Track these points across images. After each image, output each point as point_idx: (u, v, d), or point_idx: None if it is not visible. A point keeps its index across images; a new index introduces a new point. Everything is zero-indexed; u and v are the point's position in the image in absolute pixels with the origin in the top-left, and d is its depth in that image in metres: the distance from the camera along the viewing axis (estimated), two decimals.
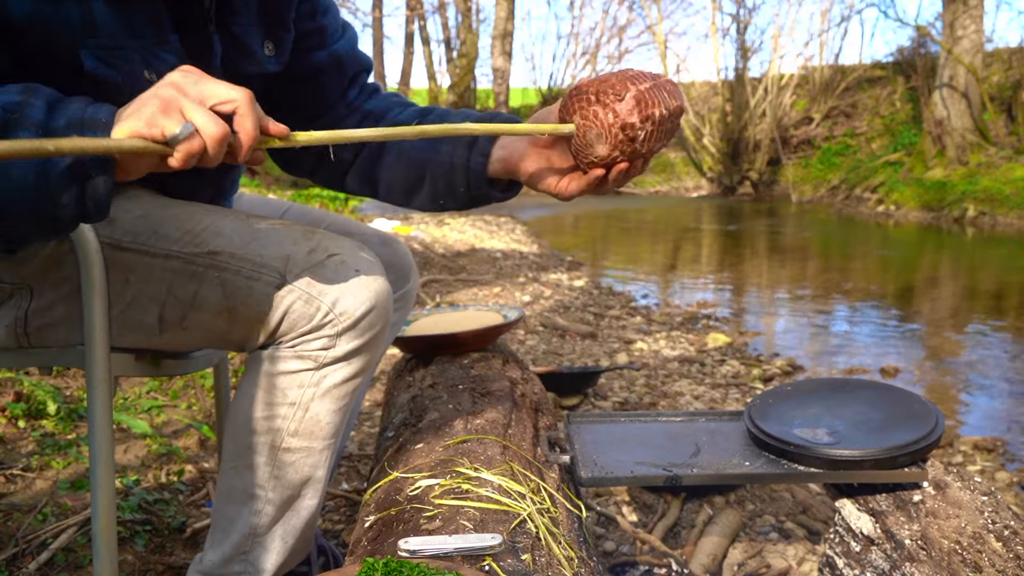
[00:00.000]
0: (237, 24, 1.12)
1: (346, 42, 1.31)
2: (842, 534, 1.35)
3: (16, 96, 0.81)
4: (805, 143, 18.49)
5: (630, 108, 1.00)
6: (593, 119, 1.02)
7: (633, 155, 1.03)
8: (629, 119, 1.00)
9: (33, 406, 2.12)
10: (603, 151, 1.02)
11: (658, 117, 1.01)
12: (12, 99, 0.80)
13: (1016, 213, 10.87)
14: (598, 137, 1.02)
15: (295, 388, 1.10)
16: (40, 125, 0.80)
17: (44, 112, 0.80)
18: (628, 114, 1.00)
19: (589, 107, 1.02)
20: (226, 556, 1.15)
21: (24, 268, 1.09)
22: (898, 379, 3.61)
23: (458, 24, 21.75)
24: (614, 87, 1.02)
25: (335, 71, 1.29)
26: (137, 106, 0.80)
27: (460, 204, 1.24)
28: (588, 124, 1.02)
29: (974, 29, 13.40)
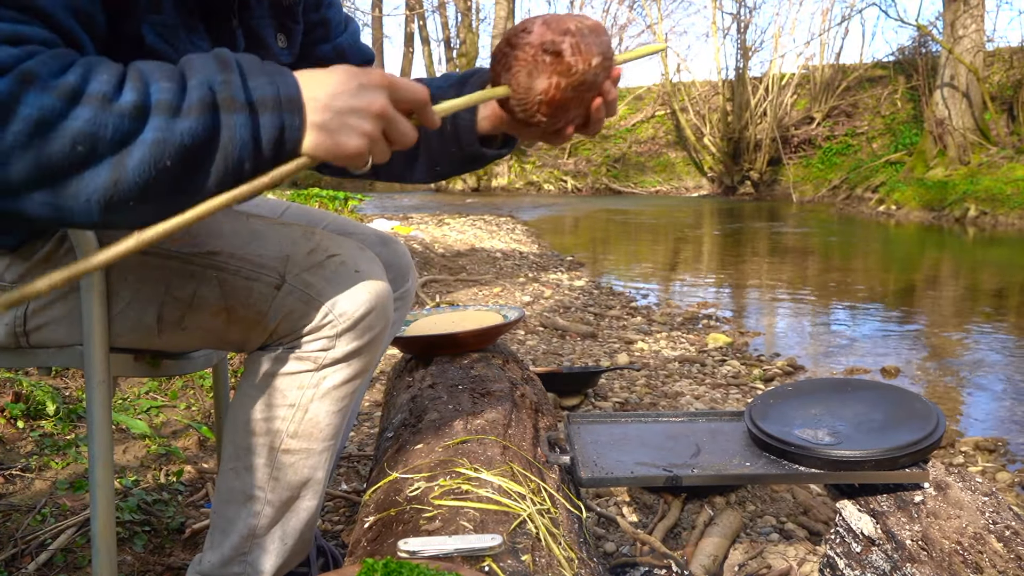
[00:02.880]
0: (252, 18, 1.13)
1: (349, 35, 1.32)
2: (843, 535, 1.35)
3: (215, 73, 0.80)
4: (806, 143, 18.49)
5: (542, 31, 0.97)
6: (516, 63, 0.98)
7: (571, 74, 0.97)
8: (545, 38, 0.96)
9: (32, 406, 2.12)
10: (542, 83, 0.97)
11: (575, 29, 0.96)
12: (215, 76, 0.80)
13: (1017, 213, 10.86)
14: (530, 75, 0.97)
15: (294, 389, 1.10)
16: (246, 104, 0.80)
17: (244, 89, 0.81)
18: (541, 35, 0.96)
19: (507, 58, 0.99)
20: (225, 557, 1.15)
21: (24, 267, 1.09)
22: (899, 379, 3.60)
23: (458, 23, 21.76)
24: (519, 27, 0.99)
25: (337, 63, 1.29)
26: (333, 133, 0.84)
27: (457, 167, 1.20)
28: (516, 71, 0.98)
29: (975, 28, 13.39)
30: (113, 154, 0.76)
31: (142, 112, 0.76)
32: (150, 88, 0.78)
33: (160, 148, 0.77)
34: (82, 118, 0.75)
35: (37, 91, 0.73)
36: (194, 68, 0.81)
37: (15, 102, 0.73)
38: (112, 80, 0.77)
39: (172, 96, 0.78)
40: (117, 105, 0.76)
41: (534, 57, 0.96)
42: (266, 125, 0.81)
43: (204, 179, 0.80)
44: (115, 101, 0.76)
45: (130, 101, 0.76)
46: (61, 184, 0.76)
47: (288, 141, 0.83)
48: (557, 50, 0.95)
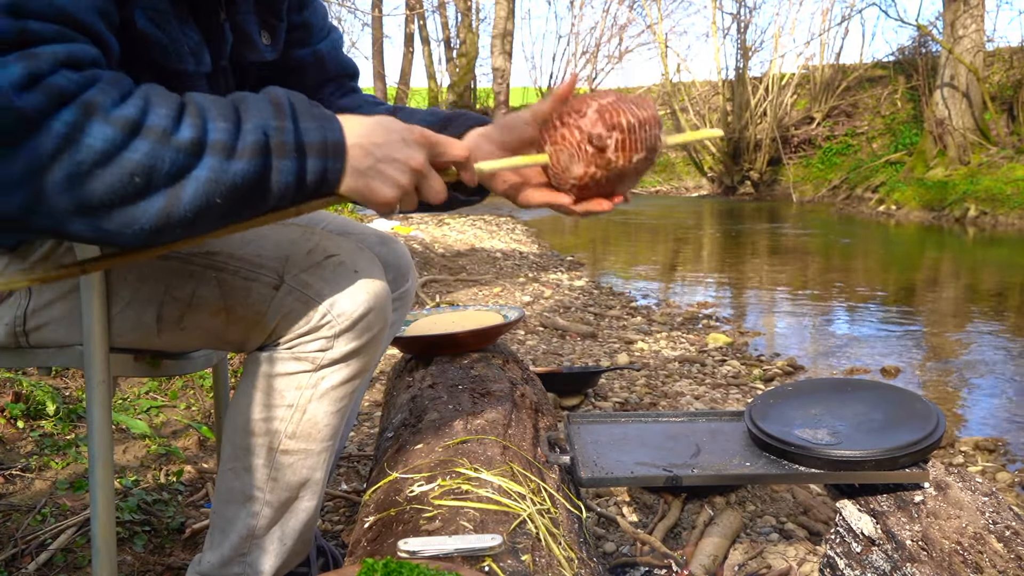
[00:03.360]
0: (238, 13, 1.14)
1: (329, 43, 1.31)
2: (843, 535, 1.35)
3: (270, 118, 0.85)
4: (806, 143, 18.49)
5: (593, 120, 1.00)
6: (561, 141, 1.01)
7: (608, 168, 1.01)
8: (594, 130, 0.99)
9: (32, 406, 2.12)
10: (579, 170, 1.01)
11: (626, 125, 0.99)
12: (269, 122, 0.85)
13: (1017, 213, 10.86)
14: (571, 158, 1.01)
15: (293, 390, 1.09)
16: (295, 148, 0.86)
17: (295, 134, 0.86)
18: (592, 126, 0.99)
19: (556, 132, 1.02)
20: (225, 557, 1.15)
21: (24, 266, 1.09)
22: (899, 379, 3.60)
23: (458, 23, 21.75)
24: (575, 107, 1.02)
25: (315, 70, 1.30)
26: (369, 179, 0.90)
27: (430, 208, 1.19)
28: (559, 148, 1.02)
29: (975, 28, 13.39)
30: (168, 187, 0.79)
31: (199, 149, 0.80)
32: (207, 126, 0.81)
33: (213, 186, 0.81)
34: (141, 151, 0.77)
35: (100, 122, 0.76)
36: (249, 110, 0.85)
37: (79, 132, 0.75)
38: (171, 114, 0.80)
39: (228, 137, 0.82)
40: (175, 140, 0.79)
41: (579, 144, 1.00)
42: (311, 169, 0.87)
43: (248, 213, 0.87)
44: (173, 135, 0.79)
45: (188, 137, 0.80)
46: (115, 212, 0.79)
47: (329, 183, 0.89)
48: (602, 145, 0.99)
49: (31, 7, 0.78)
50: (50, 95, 0.75)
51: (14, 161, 0.75)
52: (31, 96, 0.74)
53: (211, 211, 0.83)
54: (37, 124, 0.74)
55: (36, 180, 0.75)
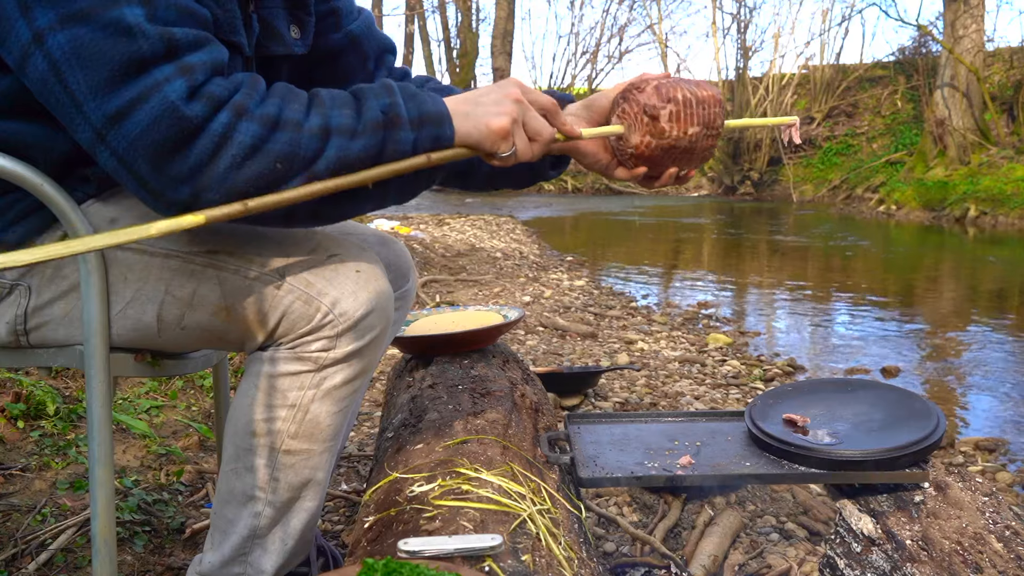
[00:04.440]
0: (265, 7, 1.16)
1: (361, 22, 1.34)
2: (843, 535, 1.35)
3: (384, 97, 0.97)
4: (806, 143, 18.48)
5: (650, 94, 1.10)
6: (623, 115, 1.13)
7: (663, 136, 1.10)
8: (650, 101, 1.10)
9: (32, 406, 2.12)
10: (635, 139, 1.12)
11: (681, 99, 1.09)
12: (383, 100, 0.96)
13: (1017, 213, 10.86)
14: (629, 128, 1.12)
15: (295, 390, 1.09)
16: (410, 121, 0.97)
17: (407, 109, 0.97)
18: (648, 98, 1.10)
19: (618, 108, 1.14)
20: (225, 558, 1.15)
21: (24, 265, 1.09)
22: (899, 379, 3.60)
23: (458, 23, 21.75)
24: (637, 84, 1.13)
25: (353, 51, 1.32)
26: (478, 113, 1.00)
27: (517, 184, 1.31)
28: (620, 120, 1.13)
29: (975, 28, 13.39)
30: (305, 169, 0.92)
31: (326, 133, 0.93)
32: (331, 113, 0.94)
33: (338, 162, 0.93)
34: (282, 141, 0.90)
35: (248, 120, 0.89)
36: (367, 95, 0.97)
37: (232, 131, 0.88)
38: (302, 109, 0.93)
39: (351, 121, 0.94)
40: (306, 129, 0.92)
41: (636, 115, 1.11)
42: (426, 135, 0.98)
43: None
44: (304, 126, 0.92)
45: (317, 124, 0.92)
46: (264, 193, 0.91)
47: (442, 144, 0.99)
48: (655, 115, 1.10)
49: (166, 15, 0.87)
50: (209, 103, 0.87)
51: (184, 159, 0.87)
52: (195, 106, 0.86)
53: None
54: (201, 128, 0.87)
55: (201, 174, 0.88)
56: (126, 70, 0.85)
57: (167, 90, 0.85)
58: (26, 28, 0.86)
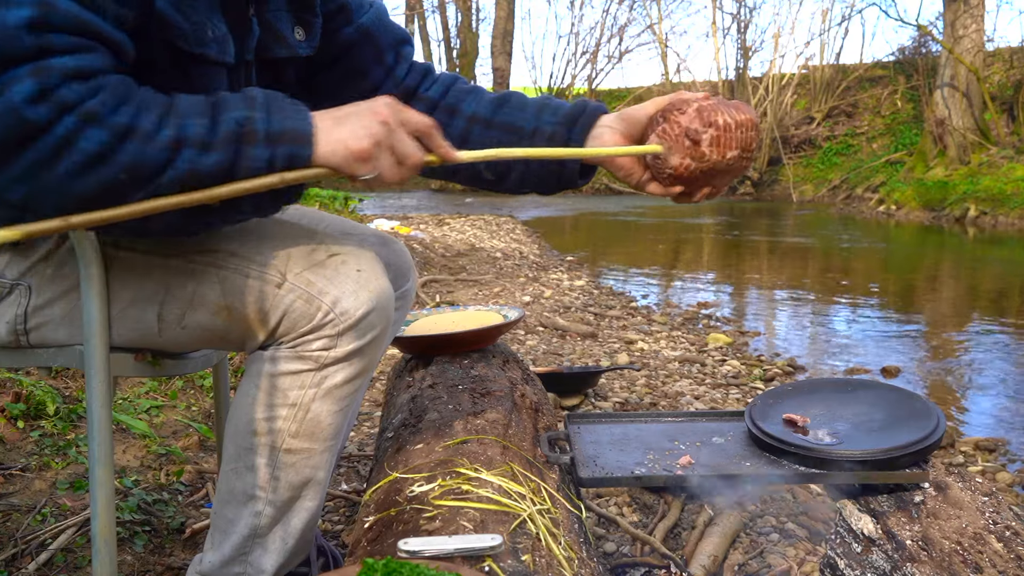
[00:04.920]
0: (269, 11, 1.14)
1: (373, 14, 1.30)
2: (843, 535, 1.35)
3: (244, 110, 0.93)
4: (806, 143, 18.48)
5: (692, 117, 1.12)
6: (662, 135, 1.14)
7: (702, 160, 1.12)
8: (692, 125, 1.11)
9: (32, 406, 2.12)
10: (675, 160, 1.13)
11: (722, 124, 1.11)
12: (242, 113, 0.92)
13: (1017, 213, 10.86)
14: (669, 150, 1.13)
15: (296, 389, 1.09)
16: (266, 136, 0.92)
17: (266, 123, 0.93)
18: (690, 122, 1.11)
19: (659, 127, 1.15)
20: (226, 557, 1.15)
21: (24, 265, 1.09)
22: (899, 379, 3.60)
23: (458, 23, 21.75)
24: (678, 106, 1.14)
25: (367, 45, 1.28)
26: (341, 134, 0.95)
27: (547, 191, 1.30)
28: (660, 140, 1.14)
29: (975, 28, 13.39)
30: (148, 184, 0.88)
31: (178, 144, 0.89)
32: (185, 123, 0.90)
33: (187, 176, 0.89)
34: (129, 151, 0.87)
35: (95, 127, 0.85)
36: (226, 105, 0.92)
37: (78, 136, 0.84)
38: (157, 119, 0.89)
39: (205, 132, 0.90)
40: (156, 141, 0.88)
41: (677, 137, 1.12)
42: (281, 154, 0.93)
43: None
44: (155, 138, 0.88)
45: (168, 136, 0.88)
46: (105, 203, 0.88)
47: (297, 160, 0.94)
48: (696, 139, 1.11)
49: (56, 21, 0.84)
50: (55, 106, 0.83)
51: (20, 160, 0.84)
52: (39, 108, 0.82)
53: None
54: (42, 131, 0.83)
55: (36, 177, 0.85)
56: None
57: (13, 91, 0.82)
58: None
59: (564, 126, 1.22)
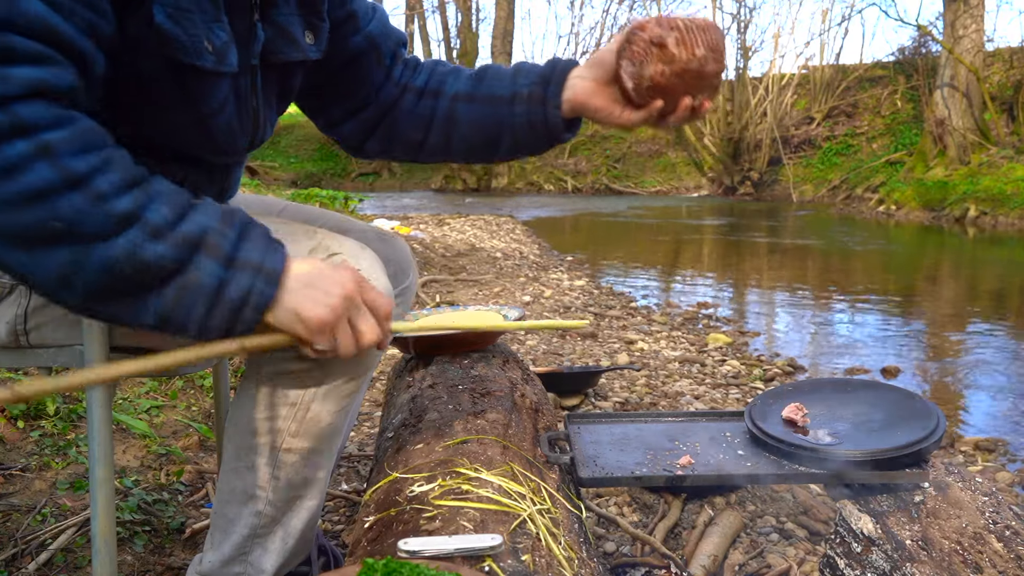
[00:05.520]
0: (279, 15, 1.15)
1: (377, 22, 1.32)
2: (843, 534, 1.35)
3: (215, 222, 0.87)
4: (806, 143, 18.48)
5: (652, 27, 1.14)
6: (631, 56, 1.15)
7: (673, 61, 1.12)
8: (655, 32, 1.13)
9: (33, 406, 2.12)
10: (649, 71, 1.13)
11: (682, 25, 1.13)
12: (212, 224, 0.87)
13: (1017, 213, 10.86)
14: (640, 64, 1.14)
15: (296, 389, 1.10)
16: (226, 257, 0.86)
17: (233, 245, 0.87)
18: (652, 31, 1.13)
19: (625, 51, 1.16)
20: (226, 557, 1.15)
21: None
22: (899, 379, 3.60)
23: (458, 23, 21.74)
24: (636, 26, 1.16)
25: (373, 52, 1.31)
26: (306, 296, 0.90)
27: (537, 152, 1.32)
28: (629, 60, 1.15)
29: (975, 28, 13.39)
30: (82, 243, 0.80)
31: (127, 222, 0.82)
32: (150, 206, 0.83)
33: (123, 257, 0.82)
34: (71, 204, 0.79)
35: (46, 163, 0.78)
36: (200, 210, 0.87)
37: (25, 166, 0.78)
38: (119, 184, 0.82)
39: (164, 222, 0.83)
40: (108, 206, 0.81)
41: (645, 49, 1.13)
42: (237, 282, 0.87)
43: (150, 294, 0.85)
44: (108, 202, 0.81)
45: (122, 208, 0.81)
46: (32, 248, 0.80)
47: (252, 304, 0.88)
48: (662, 42, 1.12)
49: (19, 21, 0.78)
50: (13, 123, 0.77)
51: None
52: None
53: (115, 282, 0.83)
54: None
55: None
56: None
57: None
58: None
59: (539, 85, 1.24)
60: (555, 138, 1.28)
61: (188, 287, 0.85)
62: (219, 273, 0.86)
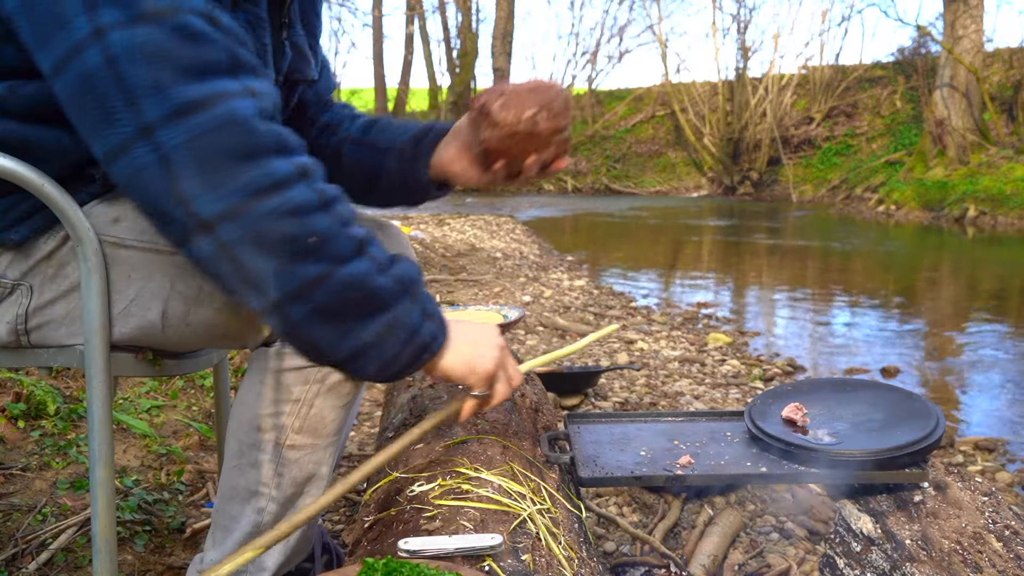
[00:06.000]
0: (296, 35, 1.22)
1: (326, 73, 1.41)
2: (843, 534, 1.35)
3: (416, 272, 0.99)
4: (805, 143, 18.49)
5: (482, 95, 1.22)
6: (471, 123, 1.24)
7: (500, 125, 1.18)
8: (482, 99, 1.21)
9: (33, 406, 2.12)
10: (481, 135, 1.21)
11: (509, 90, 1.19)
12: (415, 273, 0.99)
13: (1017, 213, 10.87)
14: (475, 131, 1.23)
15: (300, 385, 1.10)
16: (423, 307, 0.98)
17: (427, 296, 1.00)
18: (481, 97, 1.22)
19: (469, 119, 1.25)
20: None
21: (26, 265, 1.09)
22: (899, 379, 3.60)
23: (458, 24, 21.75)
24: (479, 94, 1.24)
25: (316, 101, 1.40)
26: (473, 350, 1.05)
27: (411, 204, 1.41)
28: (469, 127, 1.25)
29: (975, 29, 13.40)
30: (329, 261, 0.90)
31: (362, 249, 0.93)
32: (372, 242, 0.95)
33: (360, 280, 0.92)
34: (326, 223, 0.89)
35: (305, 185, 0.89)
36: (402, 260, 0.99)
37: (290, 182, 0.88)
38: (352, 214, 0.94)
39: (384, 259, 0.95)
40: (349, 231, 0.92)
41: (477, 117, 1.21)
42: (427, 328, 0.99)
43: (365, 322, 0.94)
44: (350, 227, 0.92)
45: (358, 236, 0.93)
46: (288, 258, 0.88)
47: (431, 350, 1.00)
48: (487, 109, 1.19)
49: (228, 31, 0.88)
50: (278, 140, 0.88)
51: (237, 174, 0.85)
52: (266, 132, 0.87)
53: (346, 300, 0.91)
54: (263, 158, 0.86)
55: (241, 197, 0.86)
56: (192, 71, 0.84)
57: (237, 104, 0.85)
58: (87, 23, 0.84)
59: (412, 144, 1.33)
60: (425, 194, 1.37)
61: (396, 324, 0.95)
62: (418, 318, 0.97)
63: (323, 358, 0.95)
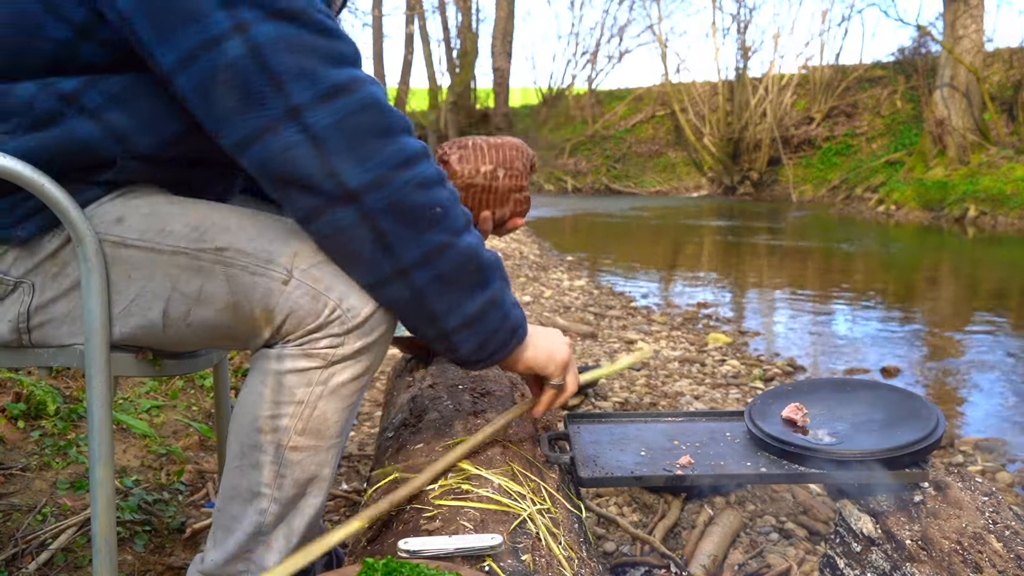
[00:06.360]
0: None
1: None
2: (843, 534, 1.35)
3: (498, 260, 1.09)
4: (806, 143, 18.49)
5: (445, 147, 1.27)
6: None
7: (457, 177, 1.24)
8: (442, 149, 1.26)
9: (33, 406, 2.12)
10: None
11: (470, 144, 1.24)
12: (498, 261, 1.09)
13: (1017, 213, 10.87)
14: None
15: (302, 387, 1.09)
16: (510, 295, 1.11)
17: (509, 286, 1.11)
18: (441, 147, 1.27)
19: None
20: (229, 555, 1.15)
21: (30, 263, 1.09)
22: (899, 379, 3.60)
23: (458, 23, 21.75)
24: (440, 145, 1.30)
25: None
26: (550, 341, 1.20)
27: None
28: None
29: (975, 29, 13.40)
30: (451, 232, 1.01)
31: (469, 224, 1.05)
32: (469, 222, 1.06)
33: (474, 252, 1.03)
34: (445, 197, 1.01)
35: (428, 161, 1.01)
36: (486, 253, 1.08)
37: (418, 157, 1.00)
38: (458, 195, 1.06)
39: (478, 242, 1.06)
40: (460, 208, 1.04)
41: None
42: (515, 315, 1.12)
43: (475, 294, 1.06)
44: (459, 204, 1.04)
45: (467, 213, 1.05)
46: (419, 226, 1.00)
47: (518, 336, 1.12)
48: (446, 159, 1.24)
49: None
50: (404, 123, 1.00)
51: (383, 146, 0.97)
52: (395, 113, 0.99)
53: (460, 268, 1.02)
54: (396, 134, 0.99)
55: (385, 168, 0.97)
56: (331, 60, 0.95)
57: (372, 88, 0.96)
58: (227, 18, 0.92)
59: None
60: None
61: (496, 300, 1.07)
62: (510, 299, 1.09)
63: (434, 328, 1.05)
